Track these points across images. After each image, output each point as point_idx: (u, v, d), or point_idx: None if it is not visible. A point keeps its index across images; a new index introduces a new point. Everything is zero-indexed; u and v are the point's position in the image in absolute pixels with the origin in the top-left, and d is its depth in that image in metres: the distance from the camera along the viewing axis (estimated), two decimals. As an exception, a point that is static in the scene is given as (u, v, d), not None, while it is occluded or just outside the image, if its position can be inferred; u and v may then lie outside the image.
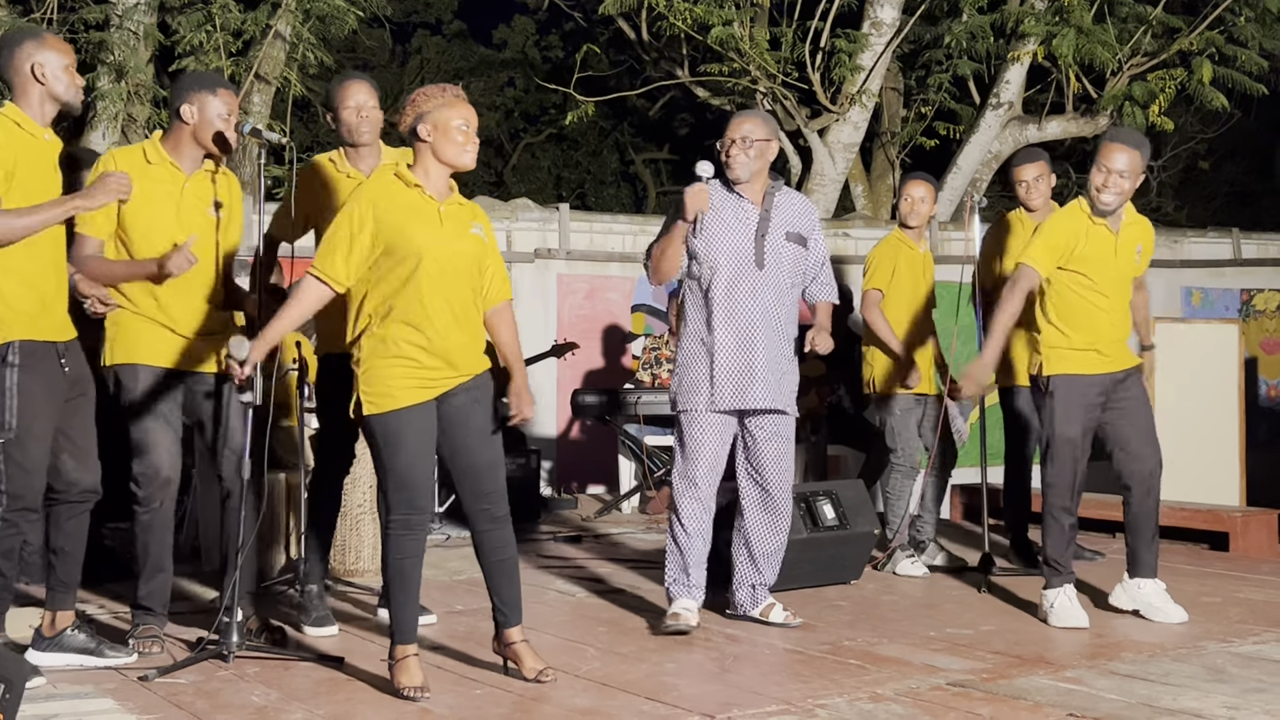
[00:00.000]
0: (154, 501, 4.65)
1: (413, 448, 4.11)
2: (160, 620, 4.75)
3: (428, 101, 4.18)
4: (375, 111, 5.03)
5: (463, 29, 20.01)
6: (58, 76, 4.36)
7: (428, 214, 4.16)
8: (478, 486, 4.24)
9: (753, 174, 5.13)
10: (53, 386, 4.32)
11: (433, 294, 4.11)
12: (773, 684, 4.33)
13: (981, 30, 12.56)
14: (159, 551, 4.71)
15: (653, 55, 14.00)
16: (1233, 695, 4.12)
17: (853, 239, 10.95)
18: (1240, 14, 12.40)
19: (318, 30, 10.50)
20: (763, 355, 5.07)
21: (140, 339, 4.65)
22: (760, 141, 5.12)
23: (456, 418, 4.20)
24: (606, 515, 8.36)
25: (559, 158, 20.56)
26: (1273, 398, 11.91)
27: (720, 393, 5.07)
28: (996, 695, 4.14)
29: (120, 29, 9.61)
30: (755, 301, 5.08)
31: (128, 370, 4.65)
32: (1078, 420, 5.19)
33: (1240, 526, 7.04)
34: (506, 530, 4.30)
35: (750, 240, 5.11)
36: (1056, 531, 5.22)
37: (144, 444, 4.65)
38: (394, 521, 4.13)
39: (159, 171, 4.69)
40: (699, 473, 5.11)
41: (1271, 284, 12.08)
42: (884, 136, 14.17)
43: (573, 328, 9.60)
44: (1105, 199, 5.14)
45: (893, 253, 6.39)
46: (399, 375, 4.09)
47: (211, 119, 4.68)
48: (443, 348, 4.13)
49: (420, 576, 4.21)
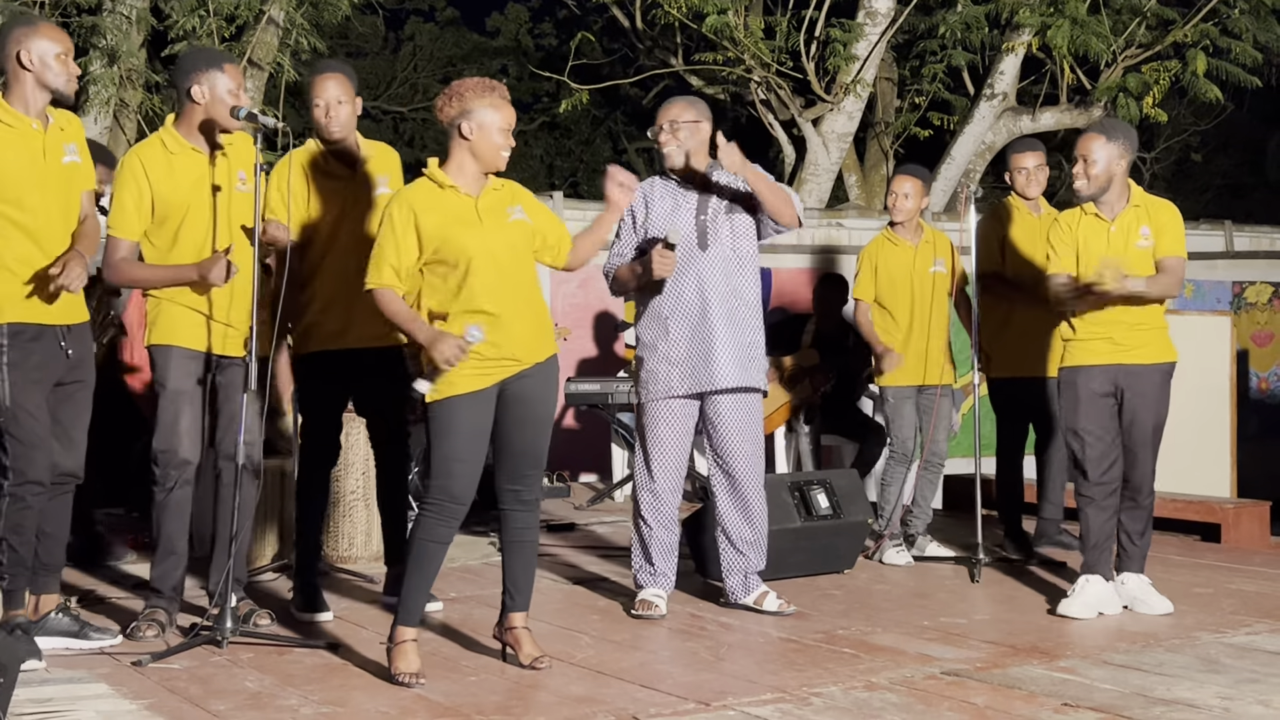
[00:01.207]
0: (169, 480, 4.65)
1: (461, 436, 4.12)
2: (169, 603, 4.72)
3: (476, 99, 4.16)
4: (344, 108, 4.97)
5: (456, 16, 19.93)
6: (48, 64, 4.34)
7: (466, 214, 4.17)
8: (517, 469, 4.28)
9: (686, 157, 5.12)
10: (48, 366, 4.32)
11: (487, 293, 4.13)
12: (767, 672, 4.33)
13: (976, 21, 12.54)
14: (172, 533, 4.70)
15: (647, 43, 13.97)
16: (1226, 686, 4.13)
17: (846, 229, 10.95)
18: (1234, 6, 12.39)
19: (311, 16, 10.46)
20: (720, 335, 5.06)
21: (179, 322, 4.68)
22: (689, 123, 5.11)
23: (514, 401, 4.23)
24: (599, 504, 8.36)
25: (551, 146, 20.51)
26: (1264, 390, 11.94)
27: (677, 377, 5.08)
28: (991, 684, 4.14)
29: (113, 13, 9.56)
30: (704, 282, 5.08)
31: (162, 351, 4.68)
32: (1085, 413, 5.18)
33: (1232, 518, 7.05)
34: (533, 514, 4.34)
35: (691, 223, 5.10)
36: (1084, 516, 5.21)
37: (166, 422, 4.66)
38: (429, 504, 4.15)
39: (182, 160, 4.67)
40: (656, 462, 5.17)
41: (1263, 277, 12.10)
42: (878, 126, 14.16)
43: (566, 316, 9.59)
44: (1076, 186, 5.19)
45: (874, 254, 6.42)
46: (462, 366, 4.10)
47: (223, 95, 4.66)
48: (504, 343, 4.16)
49: (440, 564, 4.20)
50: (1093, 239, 5.17)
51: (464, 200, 4.18)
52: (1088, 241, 5.17)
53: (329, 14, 10.63)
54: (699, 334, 5.06)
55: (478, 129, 4.15)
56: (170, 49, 10.08)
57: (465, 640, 4.66)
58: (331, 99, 4.95)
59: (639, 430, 5.23)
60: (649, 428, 5.17)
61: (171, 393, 4.65)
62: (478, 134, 4.16)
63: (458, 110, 4.16)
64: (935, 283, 6.40)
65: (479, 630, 4.68)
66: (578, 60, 13.12)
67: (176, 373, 4.66)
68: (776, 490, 5.81)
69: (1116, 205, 5.20)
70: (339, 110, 4.96)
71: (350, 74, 5.09)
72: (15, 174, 4.28)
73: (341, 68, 5.09)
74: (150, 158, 4.65)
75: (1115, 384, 5.19)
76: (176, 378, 4.66)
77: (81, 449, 4.54)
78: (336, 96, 4.96)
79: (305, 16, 10.29)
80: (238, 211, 4.71)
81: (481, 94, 4.17)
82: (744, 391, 5.12)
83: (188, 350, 4.67)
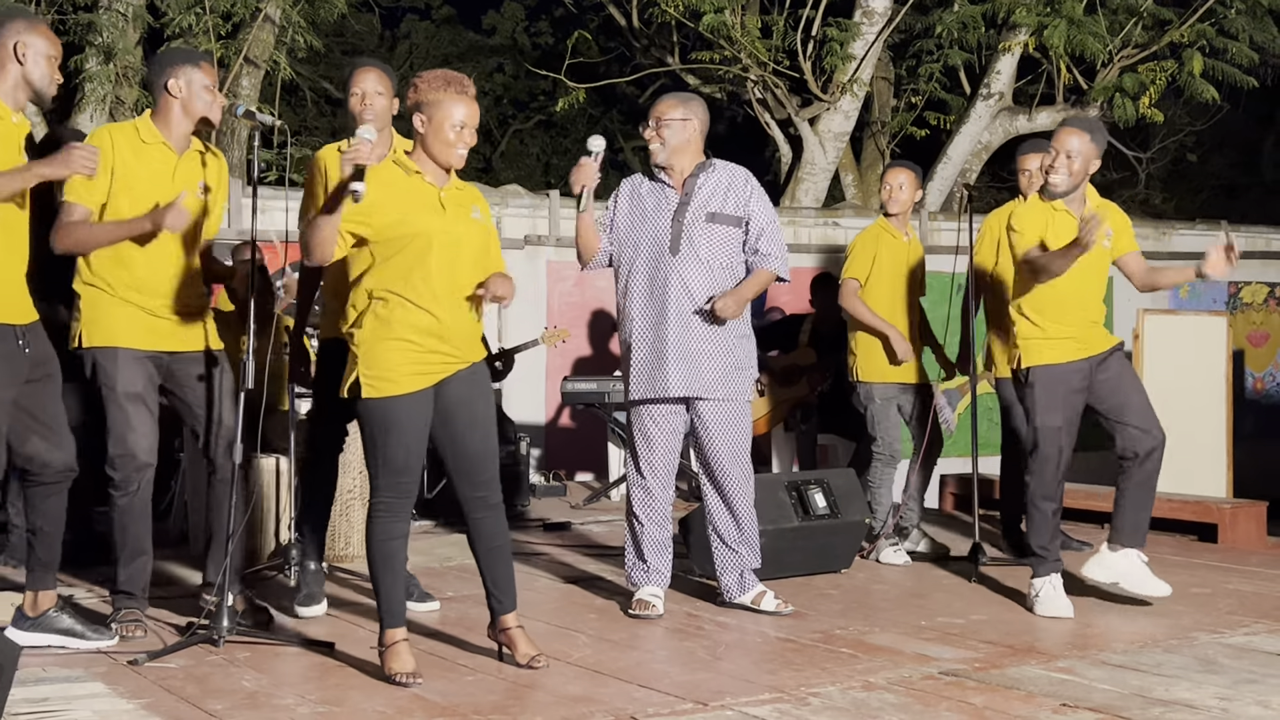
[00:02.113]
0: (130, 485, 4.62)
1: (408, 435, 4.08)
2: (141, 604, 4.72)
3: (430, 92, 4.11)
4: (380, 99, 4.96)
5: (452, 14, 19.91)
6: (37, 63, 4.34)
7: (429, 200, 4.14)
8: (474, 475, 4.22)
9: (672, 154, 5.11)
10: (10, 365, 4.26)
11: (440, 275, 4.09)
12: (765, 672, 4.32)
13: (973, 20, 12.56)
14: (138, 535, 4.68)
15: (643, 42, 13.97)
16: (1225, 686, 4.13)
17: (842, 228, 10.95)
18: (1231, 6, 12.41)
19: (307, 14, 10.46)
20: (672, 342, 5.03)
21: (118, 321, 4.60)
22: (677, 121, 5.09)
23: (455, 406, 4.17)
24: (595, 503, 8.35)
25: (548, 144, 20.50)
26: (1259, 390, 11.96)
27: (644, 380, 5.09)
28: (989, 685, 4.14)
29: (109, 10, 9.56)
30: (670, 287, 5.05)
31: (106, 353, 4.59)
32: (1059, 410, 5.18)
33: (1229, 518, 7.05)
34: (500, 517, 4.28)
35: (668, 225, 5.09)
36: (1040, 520, 5.23)
37: (120, 427, 4.60)
38: (380, 504, 4.11)
39: (153, 152, 4.67)
40: (642, 460, 5.18)
41: (1259, 277, 12.12)
42: (874, 126, 14.16)
43: (562, 315, 9.58)
44: (1053, 179, 5.16)
45: (874, 241, 6.39)
46: (399, 359, 4.05)
47: (199, 91, 4.67)
48: (447, 330, 4.11)
49: (405, 557, 4.19)
50: (1066, 235, 5.10)
51: (428, 188, 4.15)
52: (1060, 239, 5.12)
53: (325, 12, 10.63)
54: (657, 338, 5.07)
55: (428, 122, 4.11)
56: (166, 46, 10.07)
57: (461, 640, 4.65)
58: (370, 89, 4.95)
59: (627, 428, 5.24)
60: (635, 425, 5.21)
61: (121, 396, 4.58)
62: (428, 128, 4.11)
63: (412, 101, 4.15)
64: (917, 280, 6.43)
65: (475, 629, 4.67)
66: (574, 59, 13.11)
67: (125, 376, 4.58)
68: (773, 490, 5.81)
69: (1079, 204, 5.22)
70: (375, 100, 4.96)
71: (390, 72, 5.11)
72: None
73: (382, 64, 5.12)
74: (121, 137, 4.64)
75: (1086, 379, 5.21)
76: (125, 381, 4.57)
77: (69, 441, 4.47)
78: (375, 88, 4.96)
79: (302, 14, 10.29)
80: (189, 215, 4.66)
81: (434, 87, 4.11)
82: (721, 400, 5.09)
83: (134, 351, 4.60)
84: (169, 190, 4.62)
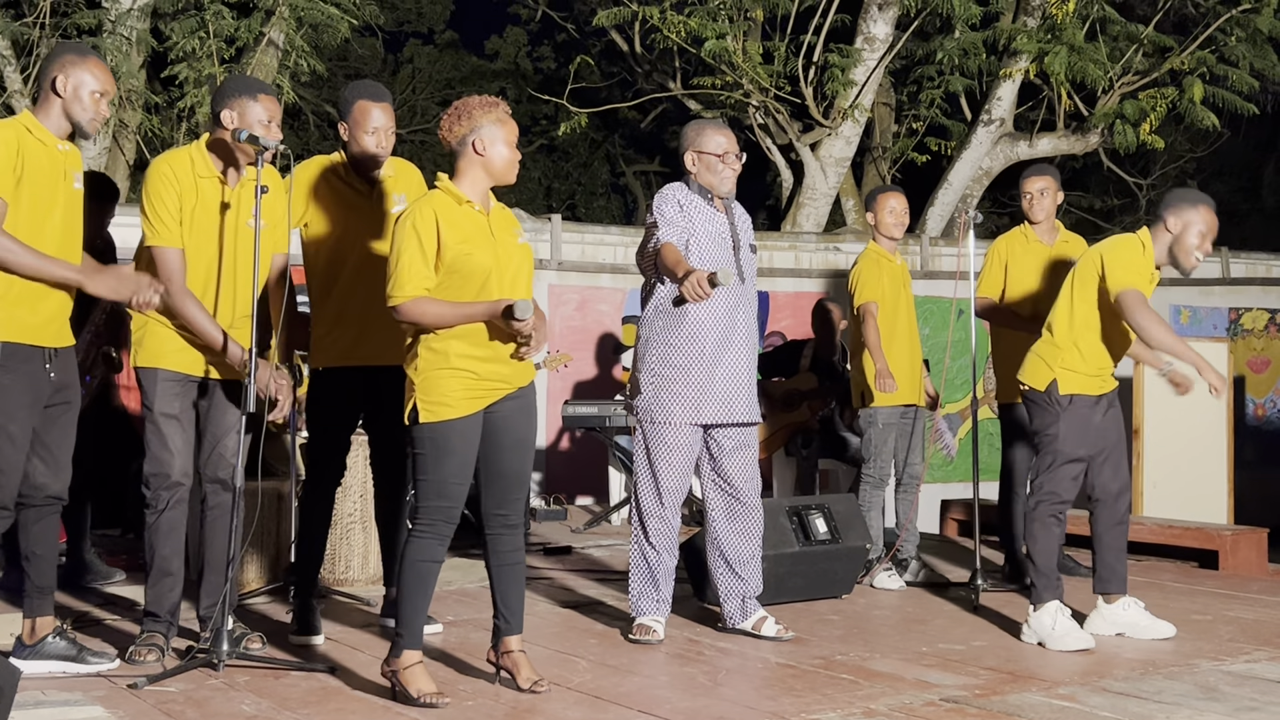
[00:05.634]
0: (159, 503, 4.63)
1: (458, 459, 4.13)
2: (165, 627, 4.68)
3: (484, 115, 4.22)
4: (393, 135, 5.07)
5: (455, 39, 20.01)
6: (79, 97, 4.36)
7: (482, 229, 4.20)
8: (504, 493, 4.27)
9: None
10: (34, 390, 4.28)
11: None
12: (765, 698, 4.31)
13: (974, 47, 12.61)
14: (166, 555, 4.66)
15: (645, 68, 14.03)
16: (1226, 714, 4.12)
17: (843, 253, 10.97)
18: (1231, 33, 12.47)
19: (310, 38, 10.51)
20: (746, 368, 5.15)
21: (165, 345, 4.65)
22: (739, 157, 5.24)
23: (501, 425, 4.23)
24: (596, 527, 8.34)
25: (550, 169, 20.57)
26: (1260, 417, 11.95)
27: (706, 406, 5.07)
28: (990, 711, 4.13)
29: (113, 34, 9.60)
30: (736, 315, 5.13)
31: (148, 374, 4.65)
32: (1085, 442, 5.17)
33: (1230, 545, 7.05)
34: (518, 537, 4.32)
35: (730, 254, 5.15)
36: (1045, 537, 5.12)
37: (155, 446, 4.63)
38: (424, 526, 4.13)
39: (207, 185, 4.64)
40: (667, 487, 5.14)
41: (1259, 303, 12.12)
42: (875, 151, 14.21)
43: (564, 339, 9.59)
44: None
45: (875, 266, 6.41)
46: (456, 386, 4.11)
47: (252, 124, 4.60)
48: (500, 356, 4.17)
49: (435, 584, 4.20)
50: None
51: (478, 216, 4.22)
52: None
53: (329, 36, 10.68)
54: (731, 364, 5.10)
55: (489, 145, 4.21)
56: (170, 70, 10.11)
57: (461, 664, 4.64)
58: (386, 127, 5.03)
59: (647, 454, 5.17)
60: (665, 453, 5.12)
61: (158, 416, 4.63)
62: (490, 150, 4.21)
63: (467, 127, 4.21)
64: (911, 303, 6.46)
65: (475, 654, 4.66)
66: (576, 83, 13.18)
67: (163, 396, 4.63)
68: (774, 515, 5.80)
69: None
70: (390, 139, 5.06)
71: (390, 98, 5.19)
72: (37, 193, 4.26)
73: (386, 92, 5.16)
74: (181, 169, 4.62)
75: (1104, 413, 5.25)
76: (163, 401, 4.63)
77: (67, 471, 4.49)
78: (390, 126, 5.06)
79: (305, 39, 10.34)
80: (243, 246, 4.67)
81: (488, 110, 4.24)
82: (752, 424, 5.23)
83: (174, 373, 4.64)
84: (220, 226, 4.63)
